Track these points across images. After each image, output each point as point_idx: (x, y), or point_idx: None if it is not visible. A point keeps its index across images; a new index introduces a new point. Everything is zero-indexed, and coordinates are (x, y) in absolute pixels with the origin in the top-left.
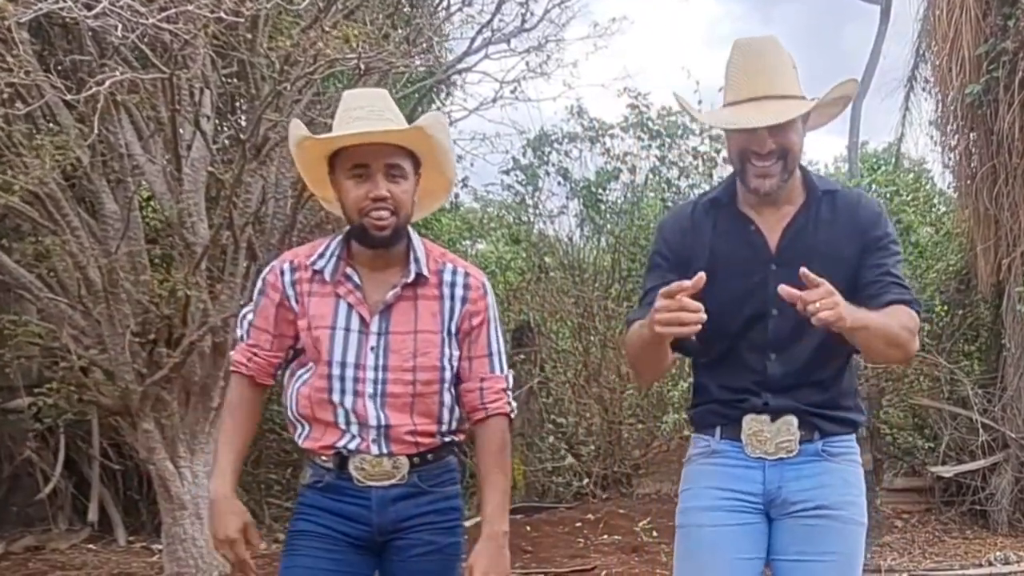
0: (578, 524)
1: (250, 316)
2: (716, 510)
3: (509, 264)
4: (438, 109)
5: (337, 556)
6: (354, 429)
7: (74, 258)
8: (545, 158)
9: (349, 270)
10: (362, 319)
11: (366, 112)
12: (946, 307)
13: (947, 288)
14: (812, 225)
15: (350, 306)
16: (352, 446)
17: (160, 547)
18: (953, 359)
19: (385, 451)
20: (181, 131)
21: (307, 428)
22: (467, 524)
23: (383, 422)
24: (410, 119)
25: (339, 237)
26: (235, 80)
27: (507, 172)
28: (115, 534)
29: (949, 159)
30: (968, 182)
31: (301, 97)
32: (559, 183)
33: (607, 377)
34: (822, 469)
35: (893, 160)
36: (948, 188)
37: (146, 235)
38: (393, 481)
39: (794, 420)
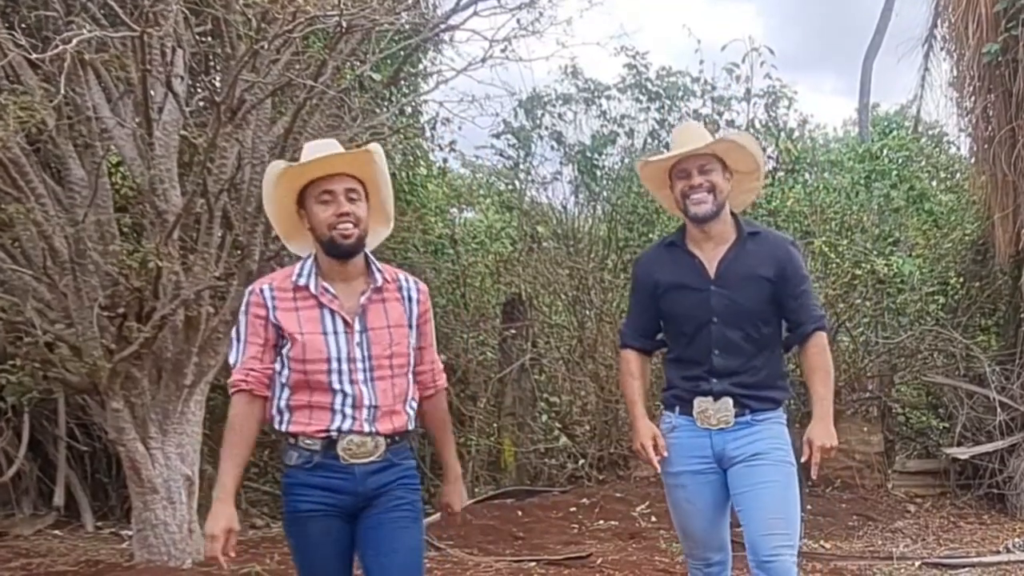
0: (572, 509)
1: (240, 336)
2: (684, 473)
3: (499, 233)
4: (424, 69)
5: (332, 525)
6: (348, 411)
7: (39, 227)
8: (538, 121)
9: (325, 283)
10: (345, 322)
11: (323, 149)
12: (961, 279)
13: (963, 259)
14: (741, 257)
15: (332, 312)
16: (345, 426)
17: (130, 533)
18: (969, 334)
19: (371, 430)
20: (152, 93)
21: (292, 415)
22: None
23: (374, 403)
24: (395, 78)
25: (307, 261)
26: (209, 39)
27: (497, 136)
28: (82, 519)
29: (966, 122)
30: (985, 146)
31: (279, 57)
32: (552, 147)
33: (603, 353)
34: (752, 431)
35: (907, 123)
36: (964, 153)
37: (115, 203)
38: (372, 458)
39: (730, 401)
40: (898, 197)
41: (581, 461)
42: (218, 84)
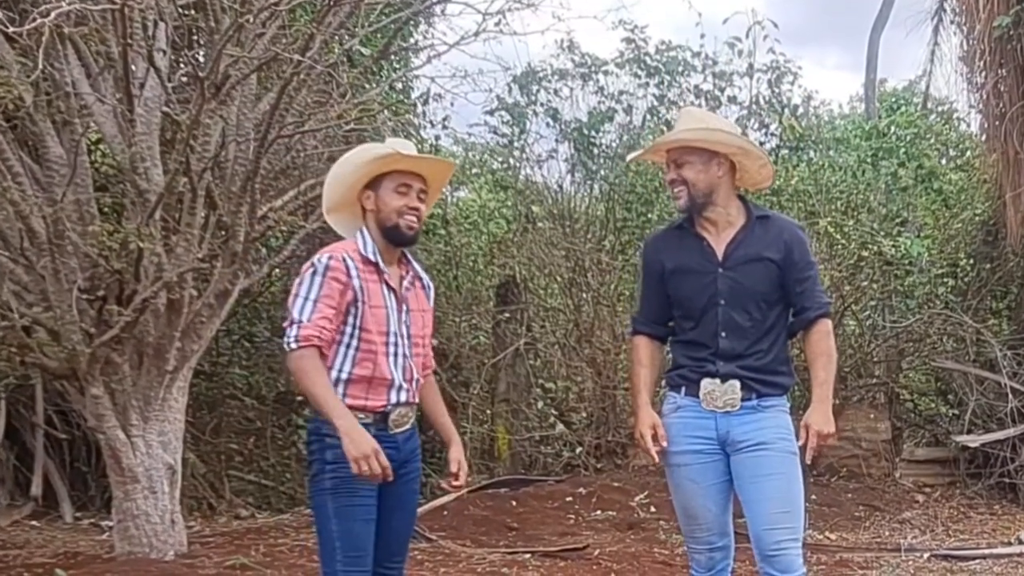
0: (568, 499)
1: (310, 295)
2: (688, 453)
3: (493, 213)
4: (416, 43)
5: (374, 491)
6: (404, 384)
7: (15, 207)
8: (533, 97)
9: (382, 263)
10: (397, 299)
11: (408, 147)
12: (972, 260)
13: (973, 239)
14: (748, 240)
15: (391, 289)
16: (403, 398)
17: (110, 524)
18: (980, 317)
19: (415, 400)
20: (133, 68)
21: (347, 388)
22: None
23: (416, 376)
24: (384, 52)
25: (367, 239)
26: (192, 12)
27: (491, 112)
28: (61, 510)
29: (976, 98)
30: (996, 123)
31: (265, 30)
32: (548, 125)
33: (600, 337)
34: (757, 418)
35: (916, 99)
36: (975, 130)
37: (95, 182)
38: (408, 426)
39: (737, 384)
40: (906, 176)
41: (578, 449)
42: (202, 59)
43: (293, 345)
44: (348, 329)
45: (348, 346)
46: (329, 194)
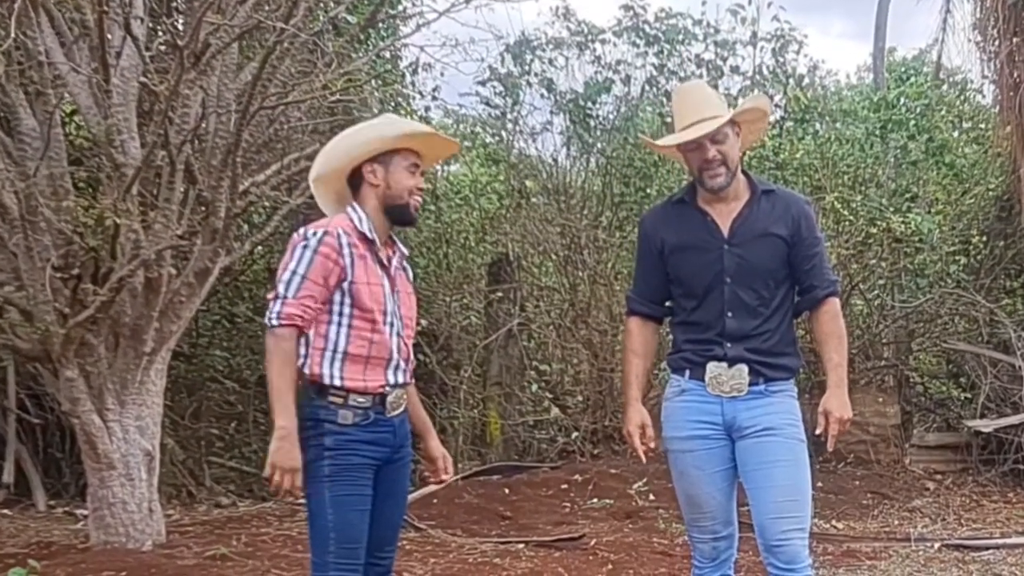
0: (564, 486)
1: (298, 270)
2: (693, 438)
3: (485, 188)
4: (404, 10)
5: (371, 479)
6: (402, 364)
7: None
8: (526, 67)
9: (378, 240)
10: (390, 279)
11: (422, 127)
12: (985, 237)
13: (986, 215)
14: (754, 215)
15: (384, 268)
16: (400, 379)
17: (85, 512)
18: (993, 297)
19: (410, 381)
20: (109, 36)
21: (344, 370)
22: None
23: (410, 356)
24: (371, 20)
25: (362, 215)
26: None
27: (483, 83)
28: (34, 498)
29: (990, 68)
30: (1011, 94)
31: None
32: (542, 96)
33: (597, 317)
34: (765, 402)
35: (927, 69)
36: (989, 101)
37: (69, 155)
38: (402, 409)
39: (745, 368)
40: (916, 149)
41: (573, 434)
42: (181, 27)
43: (275, 322)
44: (337, 307)
45: (340, 324)
46: (325, 160)
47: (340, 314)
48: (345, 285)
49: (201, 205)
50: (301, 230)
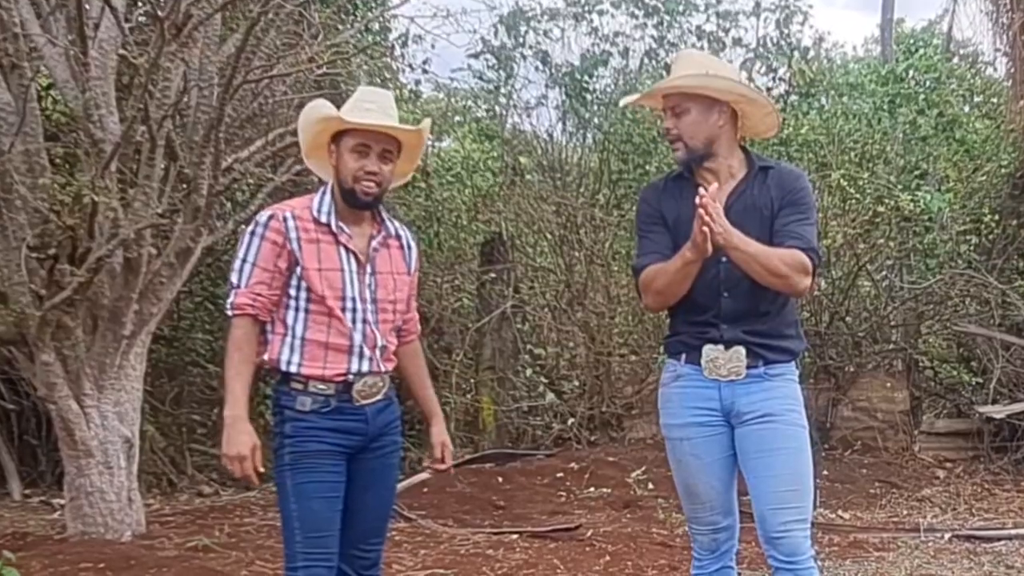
0: (559, 474)
1: (247, 258)
2: (690, 425)
3: (478, 165)
4: None
5: (338, 467)
6: (366, 352)
7: None
8: (521, 39)
9: (341, 223)
10: (358, 262)
11: (376, 107)
12: (997, 216)
13: (999, 193)
14: (751, 191)
15: (348, 251)
16: (364, 368)
17: (62, 502)
18: (1005, 278)
19: (382, 369)
20: (87, 7)
21: (303, 357)
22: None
23: (382, 343)
24: None
25: (325, 196)
26: None
27: (476, 56)
28: (8, 487)
29: (1002, 40)
30: None
31: None
32: (537, 69)
33: (594, 299)
34: (765, 387)
35: (937, 41)
36: (1001, 74)
37: (46, 130)
38: (379, 397)
39: (743, 350)
40: (926, 124)
41: (569, 421)
42: None
43: (228, 312)
44: (294, 292)
45: (297, 309)
46: (302, 140)
47: (297, 299)
48: (298, 270)
49: (182, 182)
50: (258, 215)
